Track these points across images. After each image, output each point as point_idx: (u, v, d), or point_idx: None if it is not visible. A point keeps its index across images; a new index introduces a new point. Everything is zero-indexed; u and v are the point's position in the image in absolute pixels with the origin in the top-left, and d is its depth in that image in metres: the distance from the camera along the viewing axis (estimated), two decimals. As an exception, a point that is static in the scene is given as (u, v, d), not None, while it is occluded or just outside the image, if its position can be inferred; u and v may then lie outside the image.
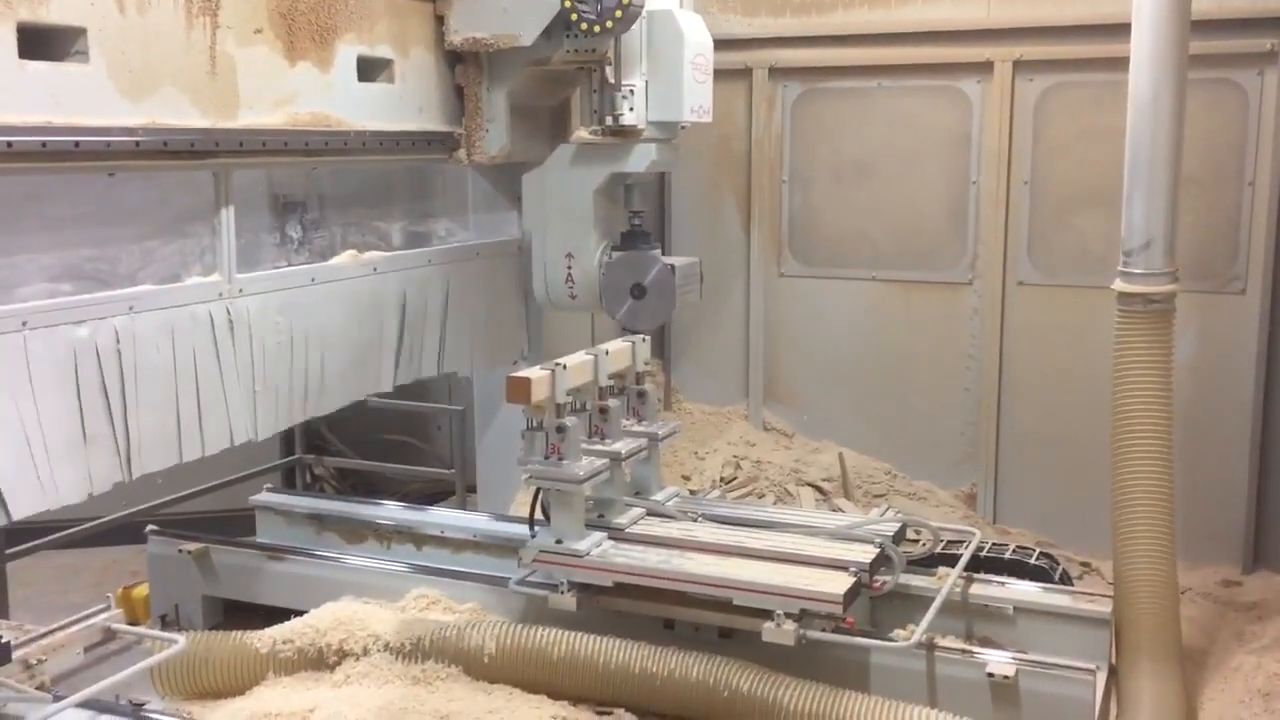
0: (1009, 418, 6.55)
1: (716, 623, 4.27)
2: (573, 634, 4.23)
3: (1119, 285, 4.66)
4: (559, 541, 4.34)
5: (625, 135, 5.03)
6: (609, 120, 4.97)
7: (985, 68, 6.38)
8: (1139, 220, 4.61)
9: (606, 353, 4.60)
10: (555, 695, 4.21)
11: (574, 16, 4.64)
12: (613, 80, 4.96)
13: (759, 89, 6.94)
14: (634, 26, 4.85)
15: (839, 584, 4.06)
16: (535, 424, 4.30)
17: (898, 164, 6.71)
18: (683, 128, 5.21)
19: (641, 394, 4.87)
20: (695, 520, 4.72)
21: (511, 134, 5.23)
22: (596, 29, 4.66)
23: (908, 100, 6.65)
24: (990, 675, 4.01)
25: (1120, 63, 4.72)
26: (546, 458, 4.28)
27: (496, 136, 5.20)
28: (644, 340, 4.91)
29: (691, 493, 6.32)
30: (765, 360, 7.20)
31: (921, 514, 6.55)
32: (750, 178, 7.08)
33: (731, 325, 7.26)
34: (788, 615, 3.99)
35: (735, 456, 6.98)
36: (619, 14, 4.59)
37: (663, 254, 5.31)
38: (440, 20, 5.05)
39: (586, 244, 5.15)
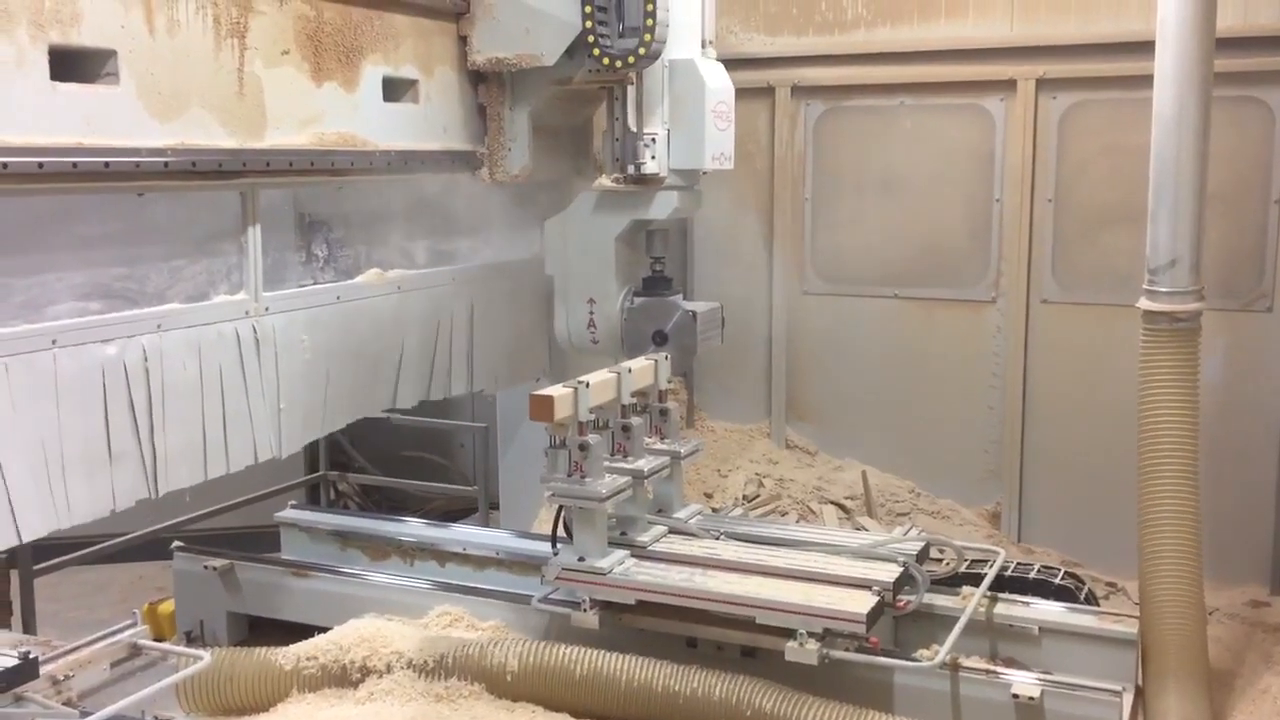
0: (1033, 436, 6.52)
1: (739, 641, 4.25)
2: (595, 652, 4.23)
3: (1144, 303, 4.63)
4: (581, 559, 4.34)
5: (647, 183, 5.12)
6: (631, 169, 5.06)
7: (1008, 86, 6.37)
8: (1164, 238, 4.59)
9: (629, 371, 4.60)
10: (577, 714, 4.21)
11: (596, 51, 4.74)
12: (634, 128, 5.05)
13: (781, 107, 6.95)
14: (657, 73, 4.98)
15: (862, 603, 4.04)
16: (558, 442, 4.30)
17: (921, 182, 6.70)
18: (704, 174, 5.27)
19: (664, 412, 4.86)
20: (718, 538, 4.70)
21: (533, 153, 5.30)
22: (618, 64, 4.73)
23: (931, 118, 6.65)
24: (1015, 696, 3.98)
25: (1145, 80, 4.70)
26: (569, 475, 4.28)
27: (519, 155, 5.27)
28: (665, 359, 4.91)
29: (714, 510, 6.32)
30: (788, 378, 7.19)
31: (945, 533, 6.52)
32: (773, 196, 7.08)
33: (754, 343, 7.25)
34: (811, 634, 3.97)
35: (758, 474, 6.97)
36: (639, 53, 4.71)
37: (684, 297, 5.43)
38: (463, 40, 5.11)
39: (608, 289, 5.27)
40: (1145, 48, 4.69)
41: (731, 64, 7.04)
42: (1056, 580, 4.91)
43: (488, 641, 4.44)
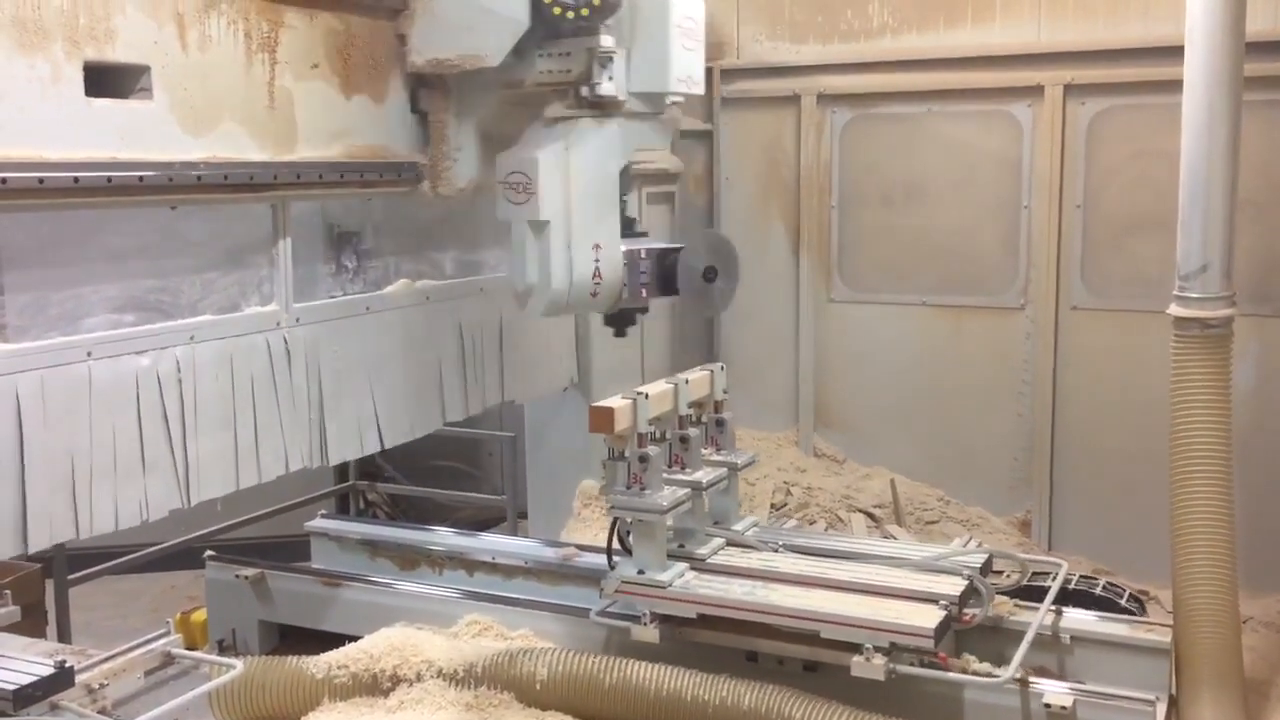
0: (1063, 443, 6.48)
1: (802, 656, 4.17)
2: (624, 661, 4.23)
3: (1175, 310, 4.60)
4: (641, 572, 4.27)
5: (604, 108, 4.39)
6: (585, 91, 4.32)
7: (1036, 92, 6.35)
8: (1195, 244, 4.56)
9: (687, 381, 4.57)
10: (607, 723, 4.21)
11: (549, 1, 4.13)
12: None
13: (807, 115, 6.96)
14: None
15: (930, 617, 3.95)
16: (617, 454, 4.23)
17: (948, 189, 6.69)
18: (674, 103, 4.63)
19: (720, 422, 4.78)
20: (776, 550, 4.65)
21: (482, 164, 4.78)
22: (570, 14, 4.12)
23: (957, 125, 6.63)
24: (1047, 706, 3.95)
25: (1174, 85, 4.68)
26: (629, 488, 4.22)
27: (466, 166, 4.77)
28: (721, 368, 4.84)
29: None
30: (815, 386, 7.18)
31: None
32: (799, 203, 7.08)
33: (781, 351, 7.24)
34: (877, 649, 3.90)
35: (785, 483, 6.96)
36: (593, 3, 4.11)
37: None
38: (401, 40, 4.58)
39: (614, 232, 4.50)
40: (1174, 52, 4.67)
41: (757, 72, 7.11)
42: (1122, 601, 4.85)
43: (517, 650, 4.45)
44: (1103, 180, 6.29)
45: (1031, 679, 4.14)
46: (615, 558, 4.45)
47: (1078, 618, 4.54)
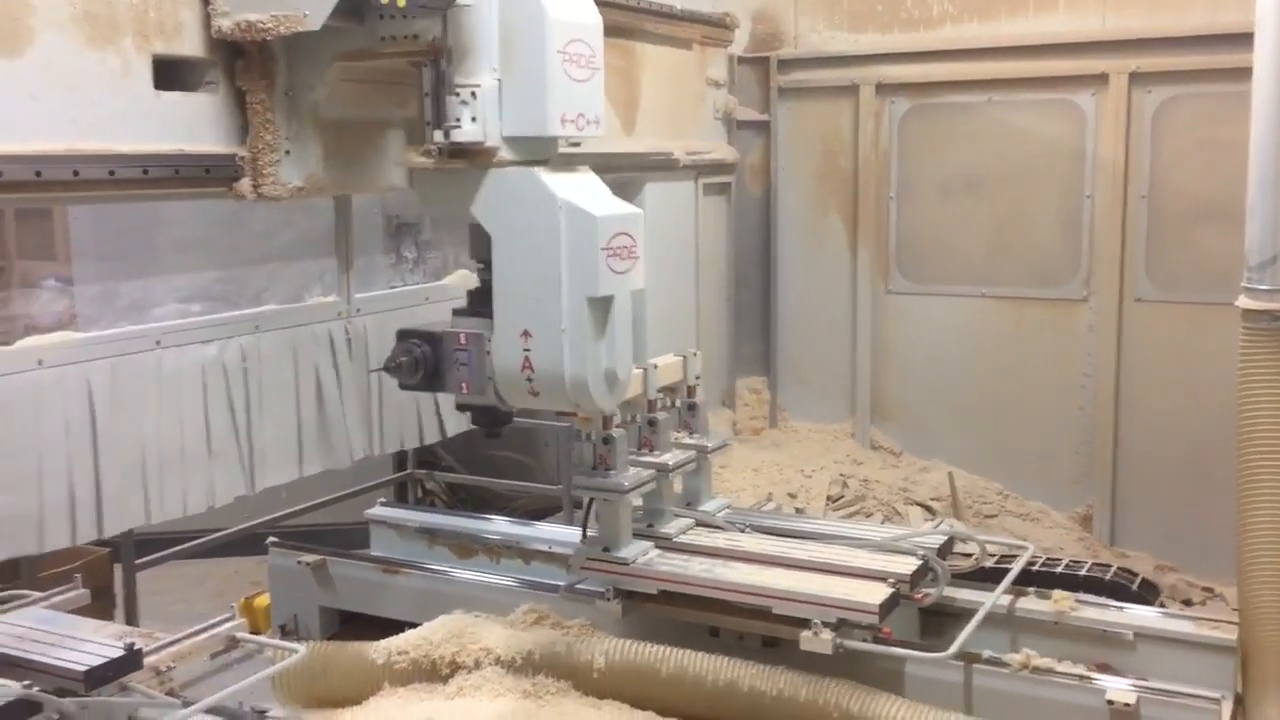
0: (1127, 437, 6.39)
1: (759, 631, 4.27)
2: (681, 651, 4.24)
3: (1243, 302, 4.51)
4: (606, 549, 4.37)
5: (470, 157, 3.38)
6: (439, 136, 3.35)
7: (1100, 80, 6.25)
8: (1264, 234, 4.46)
9: (655, 366, 4.64)
10: (664, 712, 4.21)
11: None
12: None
13: (865, 105, 6.90)
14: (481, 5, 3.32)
15: (877, 594, 4.05)
16: (585, 436, 4.34)
17: (1008, 179, 6.61)
18: (573, 146, 3.48)
19: (692, 407, 4.89)
20: (743, 531, 4.74)
21: (326, 159, 3.89)
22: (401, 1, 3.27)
23: (1019, 114, 6.55)
24: (1110, 703, 3.90)
25: (1242, 73, 4.58)
26: (594, 468, 4.32)
27: (300, 162, 3.82)
28: (695, 354, 4.90)
29: (798, 510, 6.30)
30: (872, 378, 7.14)
31: (1034, 536, 6.41)
32: (857, 194, 7.03)
33: (837, 343, 7.21)
34: (825, 624, 3.99)
35: (842, 475, 6.92)
36: None
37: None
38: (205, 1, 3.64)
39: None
40: (1242, 39, 4.57)
41: (815, 62, 7.08)
42: (1133, 587, 4.85)
43: (575, 639, 4.47)
44: (1168, 169, 6.18)
45: (1093, 675, 4.10)
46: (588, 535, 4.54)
47: (1140, 614, 4.48)
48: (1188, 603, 5.99)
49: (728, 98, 7.08)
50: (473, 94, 3.31)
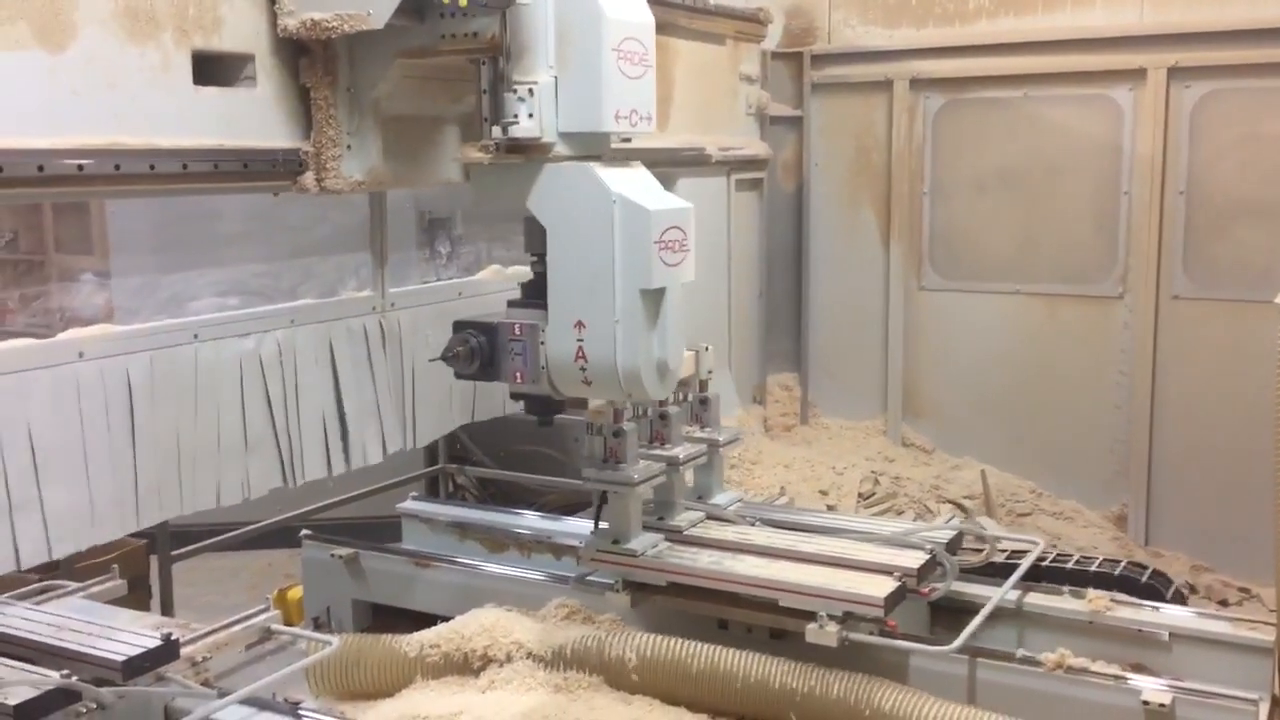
0: (1162, 436, 6.33)
1: (766, 624, 4.29)
2: (712, 647, 4.24)
3: (1283, 299, 4.46)
4: (616, 542, 4.38)
5: (526, 153, 3.54)
6: (497, 131, 3.49)
7: (1138, 75, 6.19)
8: (1306, 231, 4.42)
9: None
10: (694, 708, 4.21)
11: None
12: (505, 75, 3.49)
13: (899, 100, 6.87)
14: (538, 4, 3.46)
15: (882, 587, 4.05)
16: (595, 429, 4.34)
17: (1044, 175, 6.56)
18: (624, 141, 3.66)
19: (704, 401, 4.88)
20: (753, 524, 4.74)
21: (385, 153, 4.01)
22: (463, 1, 3.40)
23: (1055, 109, 6.49)
24: (1145, 703, 3.87)
25: (1284, 68, 4.54)
26: (605, 461, 4.33)
27: (361, 156, 3.94)
28: (707, 349, 4.90)
29: (829, 508, 6.27)
30: (904, 375, 7.10)
31: (1067, 535, 6.36)
32: (890, 190, 7.00)
33: (869, 339, 7.18)
34: (831, 617, 3.99)
35: (874, 472, 6.89)
36: None
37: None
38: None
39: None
40: (1285, 34, 4.52)
41: (849, 57, 7.04)
42: (1143, 579, 4.87)
43: (606, 634, 4.48)
44: (1207, 165, 6.11)
45: (1129, 675, 4.07)
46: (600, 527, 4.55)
47: (1175, 614, 4.44)
48: (1224, 603, 5.93)
49: (760, 93, 7.06)
50: (530, 91, 3.44)
